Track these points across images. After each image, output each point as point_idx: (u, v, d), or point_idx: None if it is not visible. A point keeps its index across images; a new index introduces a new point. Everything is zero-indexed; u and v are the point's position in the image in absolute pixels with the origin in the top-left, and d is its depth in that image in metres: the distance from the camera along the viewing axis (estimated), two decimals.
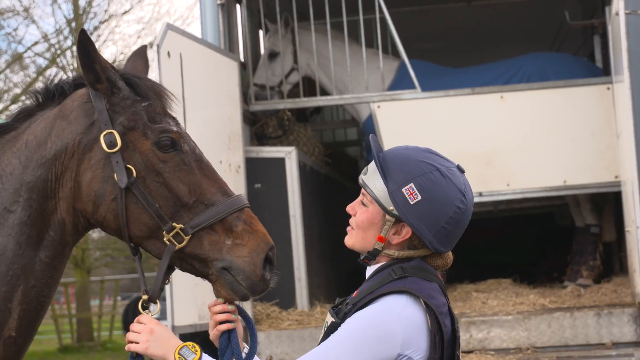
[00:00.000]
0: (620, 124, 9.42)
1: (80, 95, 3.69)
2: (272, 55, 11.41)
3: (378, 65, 10.93)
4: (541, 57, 11.31)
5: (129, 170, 3.54)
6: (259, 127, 11.51)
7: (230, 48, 10.59)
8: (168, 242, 3.51)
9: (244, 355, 3.58)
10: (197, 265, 3.53)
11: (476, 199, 10.23)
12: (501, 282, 11.18)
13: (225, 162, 9.38)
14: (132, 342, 3.46)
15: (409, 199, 3.44)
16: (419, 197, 3.43)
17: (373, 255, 3.52)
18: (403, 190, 3.45)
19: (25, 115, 3.80)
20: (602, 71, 11.57)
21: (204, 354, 3.38)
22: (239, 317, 3.63)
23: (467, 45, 14.29)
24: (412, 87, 10.54)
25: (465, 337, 9.28)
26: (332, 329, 3.42)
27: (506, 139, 10.27)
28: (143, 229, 3.55)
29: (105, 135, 3.56)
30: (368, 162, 12.01)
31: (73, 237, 3.69)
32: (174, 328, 8.15)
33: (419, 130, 10.30)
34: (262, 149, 10.51)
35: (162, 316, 8.56)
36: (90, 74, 3.59)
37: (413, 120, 10.37)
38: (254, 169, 10.04)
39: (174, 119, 3.69)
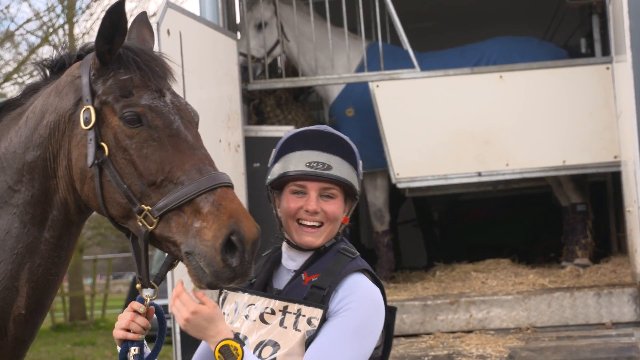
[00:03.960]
0: (621, 104, 9.40)
1: (73, 70, 3.62)
2: (261, 26, 11.28)
3: (351, 45, 10.93)
4: (505, 41, 11.26)
5: (101, 148, 3.43)
6: (257, 103, 11.46)
7: (228, 26, 10.53)
8: (140, 224, 3.37)
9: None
10: (172, 248, 3.37)
11: (475, 179, 10.26)
12: (500, 262, 11.16)
13: (225, 141, 9.34)
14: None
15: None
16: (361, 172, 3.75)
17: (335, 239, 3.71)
18: (359, 170, 3.71)
19: (31, 90, 3.76)
20: (601, 51, 11.55)
21: (246, 354, 3.31)
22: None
23: (463, 25, 14.24)
24: (380, 69, 10.53)
25: (465, 317, 9.29)
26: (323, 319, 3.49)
27: (505, 119, 10.24)
28: (119, 209, 3.44)
29: (84, 111, 3.48)
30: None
31: (77, 216, 3.64)
32: None
33: (417, 110, 10.28)
34: (261, 128, 10.46)
35: (163, 295, 8.51)
36: (107, 44, 3.46)
37: (412, 99, 10.33)
38: (253, 148, 9.98)
39: (157, 91, 3.50)
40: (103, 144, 3.43)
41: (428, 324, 9.34)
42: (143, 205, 3.35)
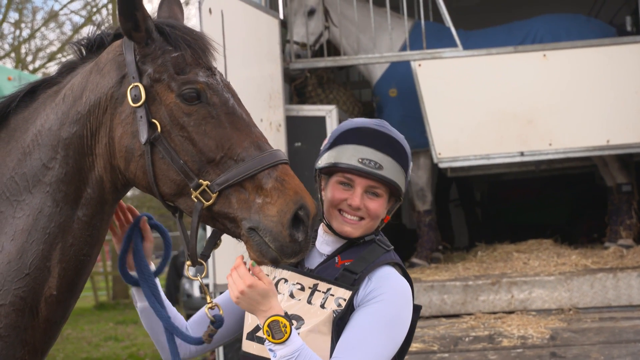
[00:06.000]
0: None
1: (114, 48, 3.60)
2: (311, 13, 11.29)
3: (394, 26, 10.86)
4: (553, 18, 11.13)
5: (152, 125, 3.42)
6: (298, 83, 11.45)
7: (270, 5, 10.51)
8: (196, 200, 3.36)
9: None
10: (228, 225, 3.38)
11: (518, 159, 10.17)
12: (542, 242, 11.09)
13: (266, 120, 9.33)
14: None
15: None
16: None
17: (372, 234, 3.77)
18: (409, 172, 3.79)
19: (68, 69, 3.74)
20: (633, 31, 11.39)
21: (293, 333, 3.34)
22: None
23: (508, 3, 14.11)
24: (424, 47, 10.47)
25: (507, 298, 9.24)
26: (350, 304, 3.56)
27: (548, 98, 10.13)
28: (171, 186, 3.43)
29: (131, 88, 3.46)
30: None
31: (112, 194, 3.62)
32: (215, 286, 8.17)
33: (460, 89, 10.20)
34: (302, 107, 10.44)
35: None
36: (129, 21, 3.46)
37: (454, 78, 10.25)
38: (295, 127, 9.97)
39: (208, 69, 3.51)
40: (155, 121, 3.43)
41: (469, 305, 9.30)
42: (201, 180, 3.36)
